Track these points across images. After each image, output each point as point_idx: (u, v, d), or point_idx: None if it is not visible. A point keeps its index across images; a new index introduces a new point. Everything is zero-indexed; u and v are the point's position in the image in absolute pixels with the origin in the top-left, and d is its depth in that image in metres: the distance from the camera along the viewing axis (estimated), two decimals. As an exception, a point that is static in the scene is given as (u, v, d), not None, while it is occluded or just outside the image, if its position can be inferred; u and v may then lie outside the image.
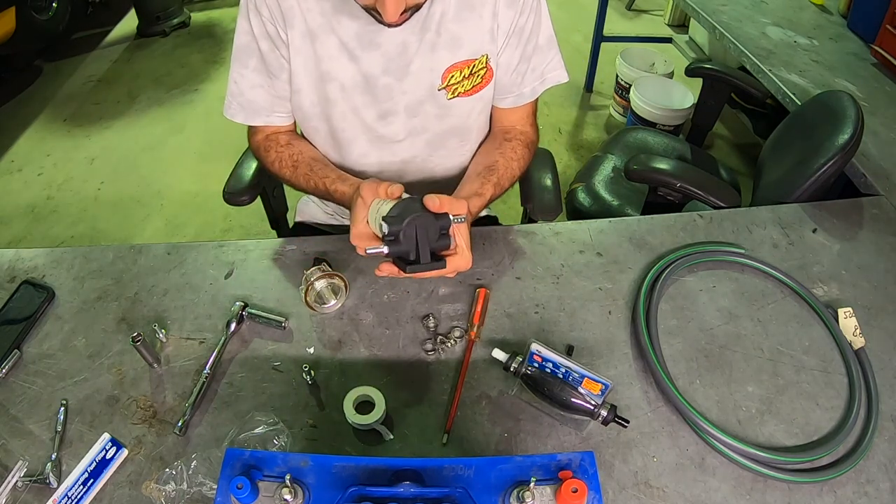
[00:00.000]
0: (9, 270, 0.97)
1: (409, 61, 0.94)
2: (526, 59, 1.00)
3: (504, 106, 1.05)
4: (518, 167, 1.02)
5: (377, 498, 0.57)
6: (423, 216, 0.78)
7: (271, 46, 0.95)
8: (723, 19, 1.90)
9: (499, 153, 1.02)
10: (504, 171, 1.00)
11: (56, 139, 2.81)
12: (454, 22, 0.93)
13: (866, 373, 0.86)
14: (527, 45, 0.99)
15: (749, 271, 1.00)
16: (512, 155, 1.02)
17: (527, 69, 1.01)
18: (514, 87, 1.02)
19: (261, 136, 1.05)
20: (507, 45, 0.97)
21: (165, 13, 3.53)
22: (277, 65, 0.96)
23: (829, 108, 1.27)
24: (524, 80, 1.02)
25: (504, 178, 0.99)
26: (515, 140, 1.04)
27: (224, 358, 0.85)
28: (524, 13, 0.95)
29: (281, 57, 0.95)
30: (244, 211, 2.25)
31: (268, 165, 1.04)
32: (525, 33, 0.97)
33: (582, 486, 0.56)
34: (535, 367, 0.78)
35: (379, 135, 1.02)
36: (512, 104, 1.05)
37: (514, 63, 1.00)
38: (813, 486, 0.74)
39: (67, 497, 0.68)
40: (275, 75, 0.97)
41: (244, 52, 0.97)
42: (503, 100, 1.04)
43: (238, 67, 0.98)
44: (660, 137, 1.83)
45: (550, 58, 1.02)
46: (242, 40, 0.96)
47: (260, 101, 1.00)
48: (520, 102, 1.04)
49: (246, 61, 0.97)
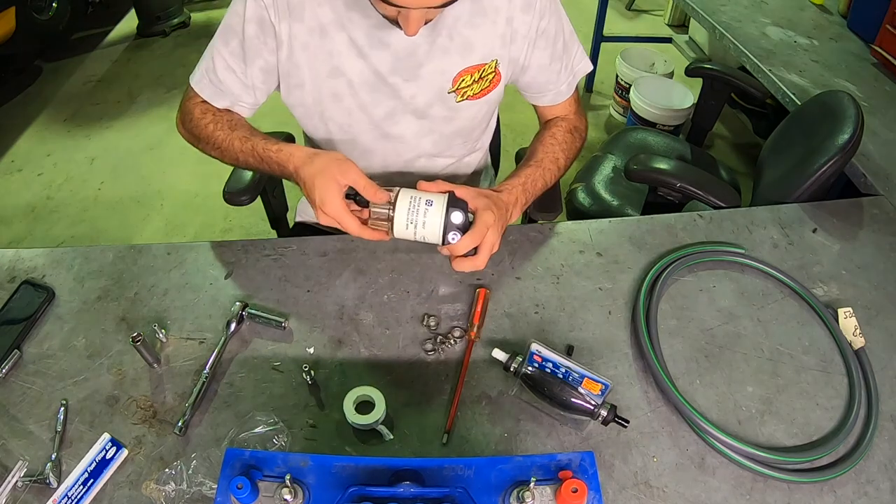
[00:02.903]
0: (9, 270, 0.97)
1: (420, 64, 0.95)
2: (558, 58, 1.03)
3: (544, 103, 1.09)
4: (561, 150, 1.04)
5: (377, 498, 0.57)
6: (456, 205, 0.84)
7: (257, 31, 0.93)
8: (723, 19, 1.90)
9: (538, 143, 1.06)
10: (544, 156, 1.02)
11: (56, 139, 2.81)
12: (467, 27, 0.94)
13: (866, 373, 0.86)
14: (556, 45, 1.01)
15: (749, 271, 1.00)
16: (551, 141, 1.05)
17: (560, 67, 1.04)
18: (550, 84, 1.06)
19: (198, 101, 1.00)
20: (534, 47, 0.99)
21: (165, 13, 3.52)
22: (255, 52, 0.94)
23: (829, 108, 1.27)
24: (559, 78, 1.05)
25: (546, 160, 1.01)
26: (556, 127, 1.08)
27: (224, 358, 0.85)
28: (545, 17, 0.97)
29: (263, 45, 0.94)
30: (244, 211, 2.25)
31: (200, 127, 0.98)
32: (551, 34, 1.00)
33: (582, 486, 0.56)
34: (535, 367, 0.78)
35: (385, 133, 1.03)
36: (551, 101, 1.09)
37: (546, 63, 1.02)
38: (813, 486, 0.74)
39: (67, 497, 0.68)
40: (250, 61, 0.95)
41: (230, 32, 0.95)
42: (542, 97, 1.08)
43: (220, 44, 0.96)
44: (660, 137, 1.83)
45: (575, 51, 1.06)
46: (232, 20, 0.94)
47: (229, 85, 0.97)
48: (559, 100, 1.08)
49: (228, 41, 0.95)
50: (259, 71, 0.97)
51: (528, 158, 1.03)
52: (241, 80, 0.97)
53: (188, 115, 1.00)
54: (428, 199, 0.83)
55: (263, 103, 1.03)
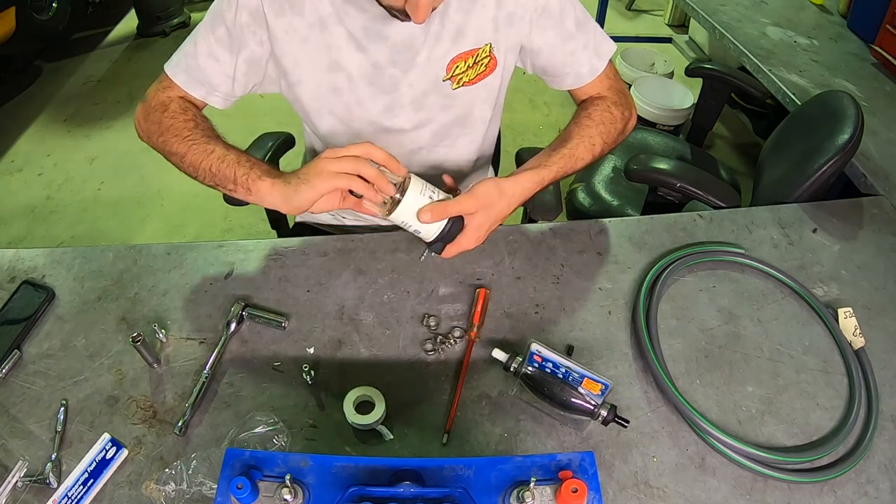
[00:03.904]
0: (9, 270, 0.97)
1: (416, 53, 0.95)
2: (570, 38, 0.99)
3: (566, 86, 1.06)
4: (598, 132, 0.98)
5: (377, 498, 0.57)
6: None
7: (249, 21, 0.91)
8: (723, 19, 1.90)
9: (573, 125, 1.01)
10: (579, 140, 0.97)
11: (56, 139, 2.81)
12: (457, 13, 0.94)
13: (866, 373, 0.86)
14: (564, 23, 0.98)
15: (749, 271, 1.00)
16: (587, 122, 0.99)
17: (576, 47, 1.00)
18: (567, 66, 1.02)
19: (175, 95, 0.96)
20: (536, 27, 0.97)
21: (165, 13, 3.53)
22: (243, 41, 0.92)
23: (829, 108, 1.27)
24: (577, 59, 1.01)
25: (579, 147, 0.96)
26: (592, 106, 1.02)
27: (224, 358, 0.85)
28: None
29: (252, 35, 0.92)
30: (244, 211, 2.25)
31: (166, 117, 0.93)
32: (555, 12, 0.97)
33: (582, 486, 0.56)
34: (535, 367, 0.78)
35: (384, 127, 1.02)
36: (573, 84, 1.04)
37: (556, 43, 0.99)
38: (813, 486, 0.74)
39: (67, 497, 0.68)
40: (236, 50, 0.93)
41: (218, 18, 0.92)
42: (562, 80, 1.05)
43: (205, 31, 0.94)
44: (660, 137, 1.83)
45: (592, 30, 1.02)
46: (222, 6, 0.92)
47: (208, 73, 0.94)
48: (581, 82, 1.04)
49: (215, 27, 0.93)
50: (243, 62, 0.94)
51: (562, 142, 0.97)
52: (223, 68, 0.94)
53: (157, 104, 0.95)
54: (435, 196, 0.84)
55: (267, 102, 1.03)
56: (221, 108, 0.99)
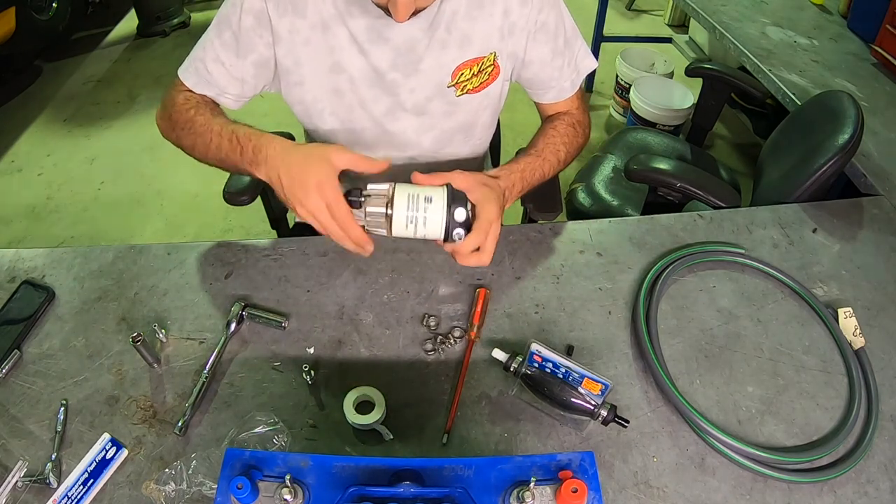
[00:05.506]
0: (9, 270, 0.97)
1: (419, 59, 0.95)
2: (560, 54, 1.02)
3: (547, 100, 1.08)
4: (562, 143, 1.03)
5: (377, 498, 0.57)
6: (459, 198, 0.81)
7: (254, 24, 0.92)
8: (723, 19, 1.90)
9: (540, 134, 1.05)
10: (545, 147, 1.01)
11: (56, 139, 2.81)
12: (465, 20, 0.94)
13: (866, 373, 0.86)
14: (557, 40, 1.00)
15: (749, 271, 1.00)
16: (553, 133, 1.03)
17: (563, 63, 1.03)
18: (552, 81, 1.05)
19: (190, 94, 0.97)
20: (533, 41, 0.99)
21: (165, 13, 3.52)
22: (249, 44, 0.93)
23: (828, 108, 1.27)
24: (563, 74, 1.04)
25: (547, 151, 1.00)
26: (558, 120, 1.06)
27: (224, 358, 0.85)
28: (543, 10, 0.97)
29: (259, 38, 0.93)
30: (244, 211, 2.22)
31: (181, 112, 0.94)
32: (551, 28, 0.99)
33: (582, 486, 0.56)
34: (535, 367, 0.78)
35: (386, 130, 1.03)
36: (555, 98, 1.07)
37: (547, 58, 1.01)
38: (813, 486, 0.74)
39: (67, 497, 0.68)
40: (242, 54, 0.94)
41: (224, 23, 0.93)
42: (545, 94, 1.07)
43: (212, 35, 0.95)
44: (660, 137, 1.83)
45: (578, 47, 1.05)
46: (228, 11, 0.93)
47: (216, 77, 0.95)
48: (562, 96, 1.07)
49: (222, 31, 0.94)
50: (251, 65, 0.95)
51: (528, 148, 1.02)
52: (230, 72, 0.95)
53: (170, 102, 0.97)
54: (427, 195, 0.79)
55: (266, 102, 1.03)
56: (234, 108, 1.01)
